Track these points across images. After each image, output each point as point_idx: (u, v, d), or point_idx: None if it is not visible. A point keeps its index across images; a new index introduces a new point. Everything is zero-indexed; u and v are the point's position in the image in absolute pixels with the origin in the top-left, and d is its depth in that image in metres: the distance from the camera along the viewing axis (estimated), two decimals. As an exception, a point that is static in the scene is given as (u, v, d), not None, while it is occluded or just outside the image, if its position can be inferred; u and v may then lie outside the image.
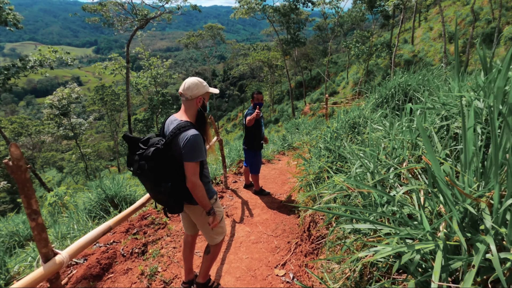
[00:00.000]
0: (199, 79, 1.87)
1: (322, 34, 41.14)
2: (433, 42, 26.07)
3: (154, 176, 1.66)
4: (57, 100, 21.58)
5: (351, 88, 30.10)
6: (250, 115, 3.74)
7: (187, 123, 1.75)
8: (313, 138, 3.96)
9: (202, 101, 1.86)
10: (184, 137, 1.67)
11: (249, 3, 22.39)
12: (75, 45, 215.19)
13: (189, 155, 1.68)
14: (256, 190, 4.31)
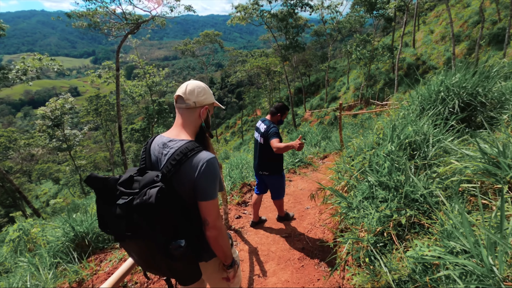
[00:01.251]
0: (205, 84, 1.37)
1: (320, 39, 40.79)
2: (436, 45, 25.50)
3: (159, 235, 1.05)
4: (50, 111, 20.90)
5: (352, 93, 29.42)
6: (276, 134, 2.81)
7: (192, 143, 1.21)
8: (351, 165, 3.01)
9: (205, 113, 1.33)
10: (198, 164, 1.15)
11: (246, 9, 21.82)
12: (73, 55, 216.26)
13: (209, 189, 1.17)
14: (281, 216, 3.46)
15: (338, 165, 2.98)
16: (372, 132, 3.43)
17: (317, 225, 3.08)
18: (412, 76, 25.13)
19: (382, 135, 2.34)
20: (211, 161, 1.16)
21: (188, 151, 1.17)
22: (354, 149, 3.47)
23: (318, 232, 2.90)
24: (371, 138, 2.56)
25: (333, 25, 28.14)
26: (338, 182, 2.67)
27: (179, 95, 1.29)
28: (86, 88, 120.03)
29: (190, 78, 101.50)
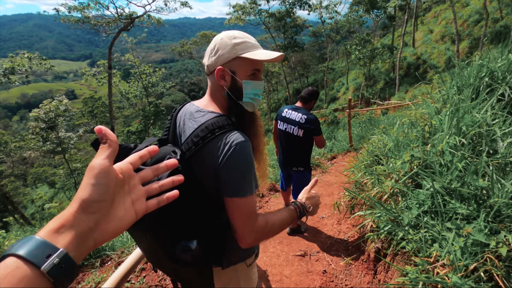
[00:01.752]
0: (230, 33, 0.95)
1: (318, 40, 40.55)
2: (436, 44, 25.19)
3: (163, 230, 0.80)
4: (44, 113, 20.36)
5: (352, 93, 29.05)
6: (319, 126, 2.65)
7: (223, 118, 0.90)
8: (390, 169, 2.48)
9: (229, 77, 0.94)
10: (225, 147, 0.84)
11: (244, 8, 21.43)
12: (70, 59, 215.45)
13: (236, 182, 0.84)
14: (294, 228, 3.00)
15: (363, 166, 2.45)
16: (400, 128, 2.93)
17: (338, 239, 2.56)
18: (413, 75, 24.81)
19: (431, 127, 1.82)
20: (243, 145, 0.85)
21: (215, 127, 0.88)
22: (377, 147, 2.96)
23: (341, 248, 2.38)
24: (413, 132, 2.05)
25: (331, 25, 27.80)
26: (368, 188, 2.15)
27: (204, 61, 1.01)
28: (83, 91, 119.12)
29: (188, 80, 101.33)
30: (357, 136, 6.48)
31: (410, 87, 22.53)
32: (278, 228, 0.93)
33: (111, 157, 0.42)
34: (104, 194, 0.40)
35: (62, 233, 0.37)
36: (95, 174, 0.40)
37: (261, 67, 0.98)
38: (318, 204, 1.07)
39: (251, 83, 0.95)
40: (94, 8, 10.97)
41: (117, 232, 0.43)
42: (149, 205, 0.48)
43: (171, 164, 0.52)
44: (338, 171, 4.78)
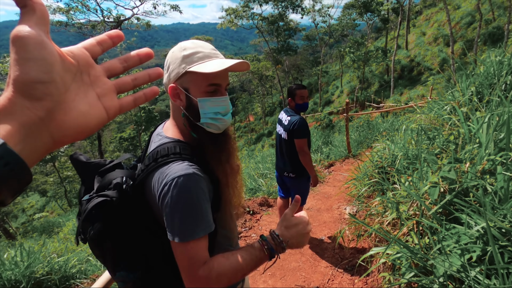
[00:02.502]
0: (182, 44, 0.85)
1: (311, 44, 40.62)
2: (429, 46, 25.23)
3: (105, 255, 0.81)
4: None
5: (346, 96, 28.92)
6: (303, 133, 2.37)
7: (172, 145, 0.82)
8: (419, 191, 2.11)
9: (183, 95, 0.84)
10: (160, 182, 0.75)
11: (236, 11, 21.22)
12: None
13: (175, 224, 0.74)
14: None
15: (366, 179, 2.06)
16: (407, 134, 2.56)
17: (341, 269, 2.15)
18: (407, 77, 24.75)
19: (458, 137, 1.44)
20: (182, 180, 0.73)
21: (159, 156, 0.79)
22: (383, 157, 2.58)
23: (345, 281, 1.98)
24: (435, 143, 1.66)
25: (325, 28, 27.75)
26: (377, 211, 1.76)
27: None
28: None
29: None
30: (355, 142, 6.13)
31: (405, 89, 22.42)
32: (232, 276, 0.76)
33: (41, 25, 0.30)
34: (47, 73, 0.29)
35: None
36: (24, 45, 0.28)
37: (221, 81, 0.84)
38: (305, 234, 0.84)
39: (209, 100, 0.82)
40: (81, 10, 10.57)
41: (83, 129, 0.33)
42: (123, 102, 0.38)
43: (144, 53, 0.40)
44: (337, 180, 4.40)
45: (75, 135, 0.33)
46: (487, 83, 2.18)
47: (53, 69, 0.30)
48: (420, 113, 3.05)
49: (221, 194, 0.85)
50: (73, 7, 10.49)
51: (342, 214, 3.05)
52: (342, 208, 3.17)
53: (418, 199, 1.12)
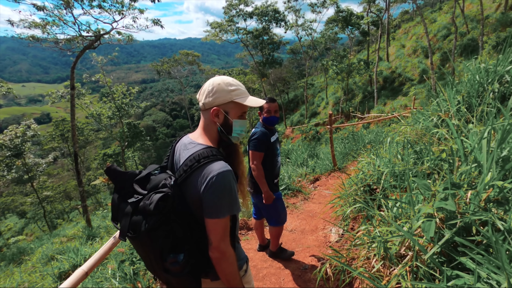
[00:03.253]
0: (226, 79, 1.17)
1: (296, 57, 41.34)
2: (409, 58, 26.07)
3: (157, 243, 0.99)
4: (9, 139, 18.90)
5: (332, 107, 29.27)
6: (255, 144, 2.26)
7: (209, 150, 1.10)
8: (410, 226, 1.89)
9: (222, 116, 1.16)
10: (206, 176, 1.02)
11: (221, 25, 21.36)
12: (45, 81, 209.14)
13: (215, 207, 1.02)
14: (273, 251, 2.66)
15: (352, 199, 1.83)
16: (392, 147, 2.36)
17: (326, 307, 1.88)
18: (389, 88, 25.36)
19: (451, 155, 1.22)
20: (224, 174, 1.02)
21: (201, 158, 1.06)
22: (368, 174, 2.36)
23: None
24: (426, 162, 1.45)
25: (308, 41, 28.30)
26: (365, 245, 1.50)
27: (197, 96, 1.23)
28: (60, 114, 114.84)
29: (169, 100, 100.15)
30: (340, 154, 5.96)
31: (388, 100, 22.89)
32: (232, 273, 1.08)
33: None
34: None
35: None
36: None
37: (247, 110, 1.22)
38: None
39: (240, 122, 1.18)
40: (58, 24, 10.21)
41: None
42: None
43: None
44: (322, 196, 4.17)
45: None
46: (474, 92, 2.02)
47: None
48: (405, 125, 2.88)
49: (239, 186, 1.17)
50: (50, 21, 10.13)
51: (327, 237, 2.79)
52: (327, 230, 2.91)
53: (410, 238, 0.89)
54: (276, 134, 2.41)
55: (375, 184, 2.17)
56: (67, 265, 3.55)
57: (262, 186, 2.26)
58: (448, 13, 27.73)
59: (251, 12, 21.93)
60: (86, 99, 17.82)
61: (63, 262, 3.69)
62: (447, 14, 27.68)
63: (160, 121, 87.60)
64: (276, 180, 2.45)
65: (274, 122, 2.30)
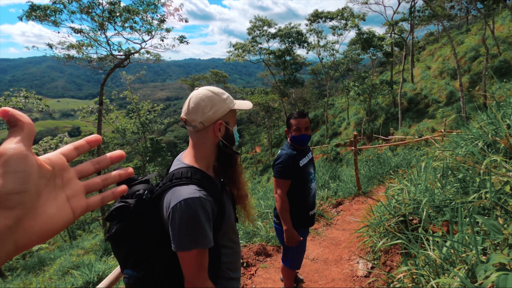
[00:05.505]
0: (215, 89, 1.07)
1: (317, 78, 41.52)
2: (435, 80, 25.32)
3: (116, 252, 0.98)
4: (43, 150, 20.09)
5: (353, 128, 28.68)
6: (279, 171, 1.93)
7: (187, 170, 0.99)
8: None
9: (224, 128, 1.07)
10: (170, 201, 0.91)
11: (244, 46, 21.99)
12: (78, 97, 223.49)
13: (177, 239, 0.90)
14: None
15: (383, 228, 1.63)
16: (428, 171, 2.14)
17: None
18: (414, 110, 24.55)
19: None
20: (189, 202, 0.89)
21: (174, 178, 0.97)
22: (403, 202, 2.15)
23: None
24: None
25: (330, 62, 28.39)
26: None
27: (182, 117, 1.08)
28: (89, 128, 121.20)
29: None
30: (364, 177, 5.66)
31: (412, 122, 22.10)
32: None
33: (26, 141, 0.34)
34: (23, 184, 0.32)
35: None
36: (7, 160, 0.31)
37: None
38: None
39: (236, 129, 1.12)
40: (93, 45, 10.93)
41: (48, 232, 0.34)
42: (91, 202, 0.40)
43: (116, 156, 0.44)
44: (347, 222, 3.89)
45: (39, 240, 0.33)
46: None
47: (30, 180, 0.32)
48: (442, 149, 2.64)
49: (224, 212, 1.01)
50: (85, 43, 10.84)
51: (354, 270, 2.53)
52: (354, 262, 2.65)
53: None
54: (308, 154, 2.08)
55: (412, 215, 1.95)
56: (80, 281, 3.49)
57: (284, 222, 1.91)
58: (476, 35, 26.99)
59: (275, 33, 22.48)
60: (113, 114, 18.67)
61: (77, 278, 3.63)
62: (476, 35, 26.93)
63: (181, 137, 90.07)
64: (312, 212, 2.06)
65: (305, 141, 1.96)
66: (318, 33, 25.16)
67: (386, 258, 2.05)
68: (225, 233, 1.06)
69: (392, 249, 2.07)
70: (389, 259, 2.03)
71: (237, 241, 1.16)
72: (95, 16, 9.83)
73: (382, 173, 5.65)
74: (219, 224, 0.99)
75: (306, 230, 2.11)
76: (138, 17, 10.24)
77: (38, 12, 8.27)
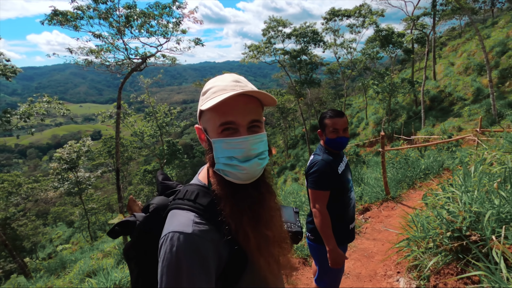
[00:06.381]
0: (210, 82, 0.79)
1: (333, 77, 40.81)
2: (460, 76, 24.11)
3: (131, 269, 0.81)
4: (67, 153, 20.91)
5: (372, 128, 27.83)
6: (316, 180, 1.65)
7: (193, 189, 0.76)
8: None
9: (204, 136, 0.79)
10: (164, 231, 0.70)
11: (259, 48, 21.83)
12: (99, 102, 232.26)
13: (162, 279, 0.65)
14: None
15: (433, 245, 1.35)
16: (480, 175, 1.82)
17: None
18: (438, 108, 23.44)
19: None
20: (171, 239, 0.65)
21: (178, 197, 0.76)
22: (458, 214, 1.84)
23: None
24: None
25: (348, 60, 27.74)
26: None
27: None
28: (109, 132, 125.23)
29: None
30: (392, 181, 5.28)
31: (436, 121, 21.09)
32: None
33: None
34: None
35: None
36: None
37: (236, 118, 0.71)
38: None
39: (223, 142, 0.71)
40: (111, 50, 11.11)
41: None
42: None
43: None
44: (377, 231, 3.57)
45: None
46: None
47: None
48: (492, 151, 2.30)
49: (243, 264, 0.71)
50: (104, 48, 11.03)
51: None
52: (392, 279, 2.35)
53: None
54: (344, 160, 1.82)
55: (471, 230, 1.64)
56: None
57: (327, 242, 1.62)
58: (504, 28, 25.51)
59: (290, 33, 22.18)
60: (132, 118, 19.04)
61: (93, 286, 3.54)
62: (503, 29, 25.45)
63: (197, 140, 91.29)
64: (352, 225, 1.80)
65: (343, 145, 1.72)
66: (335, 31, 24.61)
67: (437, 279, 1.75)
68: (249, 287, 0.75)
69: (445, 270, 1.77)
70: (441, 281, 1.73)
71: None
72: (113, 22, 9.96)
73: (411, 176, 5.26)
74: (234, 275, 0.71)
75: (346, 246, 1.85)
76: (154, 21, 10.30)
77: (60, 16, 8.50)
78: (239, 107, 0.70)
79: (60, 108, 13.14)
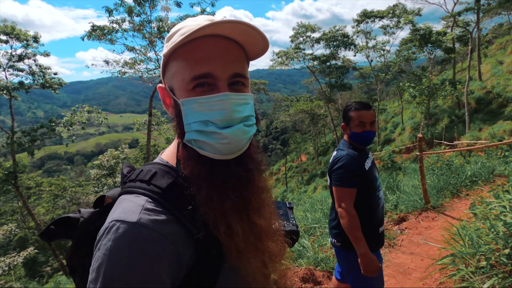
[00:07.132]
0: (177, 25, 0.58)
1: (365, 81, 39.40)
2: (510, 76, 21.89)
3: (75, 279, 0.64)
4: (106, 160, 22.39)
5: (409, 134, 26.16)
6: (343, 177, 1.47)
7: (149, 168, 0.57)
8: None
9: (170, 98, 0.59)
10: (98, 238, 0.49)
11: (287, 54, 21.74)
12: (137, 112, 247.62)
13: (92, 276, 0.46)
14: None
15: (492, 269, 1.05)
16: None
17: None
18: (484, 111, 21.43)
19: None
20: (111, 231, 0.47)
21: (128, 179, 0.58)
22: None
23: None
24: None
25: (381, 63, 26.55)
26: None
27: None
28: (146, 139, 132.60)
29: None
30: (432, 188, 4.76)
31: (483, 125, 19.23)
32: None
33: None
34: None
35: None
36: None
37: (213, 69, 0.52)
38: None
39: (194, 102, 0.52)
40: (145, 61, 11.68)
41: None
42: None
43: None
44: (415, 244, 3.17)
45: None
46: None
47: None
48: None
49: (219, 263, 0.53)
50: (137, 60, 11.62)
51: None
52: (434, 302, 2.02)
53: None
54: (370, 156, 1.64)
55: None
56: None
57: (357, 245, 1.40)
58: None
59: (319, 38, 21.82)
60: (165, 126, 19.83)
61: None
62: None
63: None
64: (382, 228, 1.59)
65: (370, 139, 1.57)
66: (367, 34, 23.73)
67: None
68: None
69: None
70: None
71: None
72: (146, 33, 10.47)
73: (455, 184, 4.70)
74: (207, 282, 0.52)
75: (378, 252, 1.59)
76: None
77: (98, 31, 9.12)
78: (218, 54, 0.52)
79: (99, 117, 14.08)
